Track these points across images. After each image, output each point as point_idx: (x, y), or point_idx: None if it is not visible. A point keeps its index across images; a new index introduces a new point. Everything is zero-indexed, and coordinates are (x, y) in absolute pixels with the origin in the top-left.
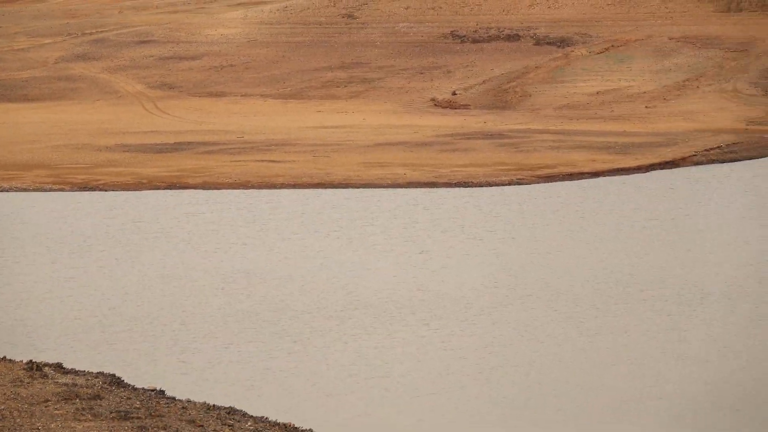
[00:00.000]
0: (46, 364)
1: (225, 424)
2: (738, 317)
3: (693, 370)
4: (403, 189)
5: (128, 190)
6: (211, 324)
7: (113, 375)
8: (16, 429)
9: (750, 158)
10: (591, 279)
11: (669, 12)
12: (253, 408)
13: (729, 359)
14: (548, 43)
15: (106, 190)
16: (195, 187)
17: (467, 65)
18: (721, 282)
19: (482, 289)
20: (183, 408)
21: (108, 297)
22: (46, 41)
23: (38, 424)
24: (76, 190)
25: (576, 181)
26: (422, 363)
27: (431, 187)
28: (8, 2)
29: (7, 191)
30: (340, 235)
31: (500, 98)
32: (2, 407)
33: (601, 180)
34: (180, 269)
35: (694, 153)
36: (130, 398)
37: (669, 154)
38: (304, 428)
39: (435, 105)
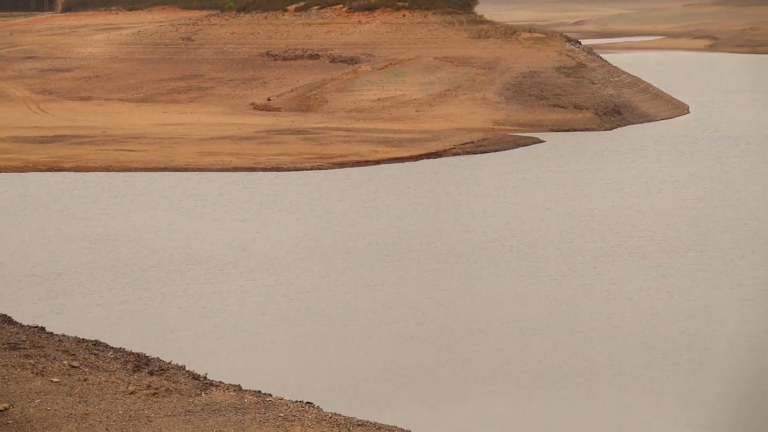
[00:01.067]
0: None
1: (92, 354)
2: (482, 273)
3: (450, 312)
4: (230, 172)
5: (17, 172)
6: (80, 275)
7: (4, 315)
8: None
9: (496, 151)
10: (374, 242)
11: (433, 38)
12: (113, 341)
13: (476, 304)
14: (341, 61)
15: None
16: (69, 170)
17: (279, 77)
18: (472, 245)
19: (289, 250)
20: (59, 341)
21: None
22: None
23: None
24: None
25: (363, 167)
26: (243, 306)
27: (251, 171)
28: None
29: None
30: (180, 208)
31: (304, 103)
32: None
33: (382, 166)
34: (56, 233)
35: (453, 146)
36: (18, 333)
37: (434, 146)
38: (151, 356)
39: (254, 108)
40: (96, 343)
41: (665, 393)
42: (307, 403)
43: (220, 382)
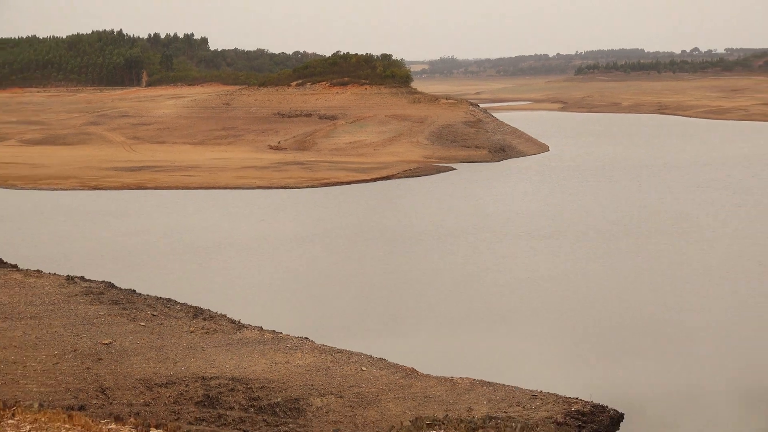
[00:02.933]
0: (75, 277)
1: (166, 307)
2: (417, 251)
3: (397, 276)
4: (254, 189)
5: (117, 189)
6: (158, 255)
7: (109, 282)
8: (60, 309)
9: (425, 175)
10: (347, 232)
11: (385, 103)
12: (180, 298)
13: (413, 272)
14: (325, 118)
15: (105, 189)
16: (150, 188)
17: (285, 128)
18: (410, 234)
19: (292, 238)
20: (145, 299)
21: (103, 240)
22: (75, 115)
23: (71, 306)
24: (90, 190)
25: (339, 186)
26: (262, 274)
27: (268, 189)
28: (55, 95)
29: (55, 190)
30: (222, 212)
31: (302, 145)
32: (53, 299)
33: (352, 185)
34: (141, 228)
35: (397, 172)
36: (118, 294)
37: (385, 172)
38: (204, 308)
39: (270, 148)
40: (169, 300)
41: (535, 326)
42: (305, 337)
43: (249, 324)
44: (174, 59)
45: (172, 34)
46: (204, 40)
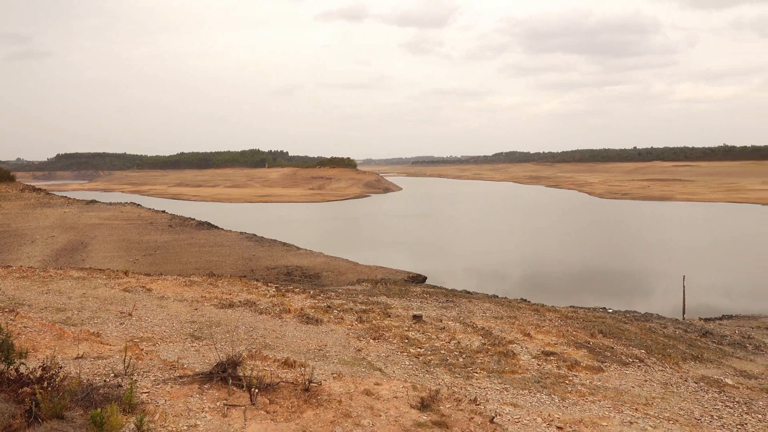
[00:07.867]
0: (242, 232)
1: (273, 242)
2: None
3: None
4: (302, 203)
5: (255, 203)
6: (269, 223)
7: (254, 233)
8: (236, 243)
9: (360, 198)
10: (342, 216)
11: (348, 173)
12: (279, 239)
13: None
14: (327, 178)
15: (251, 203)
16: (268, 203)
17: (313, 182)
18: (356, 216)
19: (315, 218)
20: (267, 240)
21: (246, 219)
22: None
23: (240, 242)
24: (246, 203)
25: (331, 201)
26: (323, 231)
27: (307, 203)
28: (234, 171)
29: (234, 203)
30: (293, 210)
31: (320, 188)
32: (233, 240)
33: (335, 201)
34: (265, 214)
35: (351, 197)
36: (256, 238)
37: (347, 197)
38: (286, 242)
39: (308, 189)
40: (274, 239)
41: (405, 248)
42: (321, 252)
43: (302, 247)
44: (277, 159)
45: (276, 150)
46: (286, 153)
